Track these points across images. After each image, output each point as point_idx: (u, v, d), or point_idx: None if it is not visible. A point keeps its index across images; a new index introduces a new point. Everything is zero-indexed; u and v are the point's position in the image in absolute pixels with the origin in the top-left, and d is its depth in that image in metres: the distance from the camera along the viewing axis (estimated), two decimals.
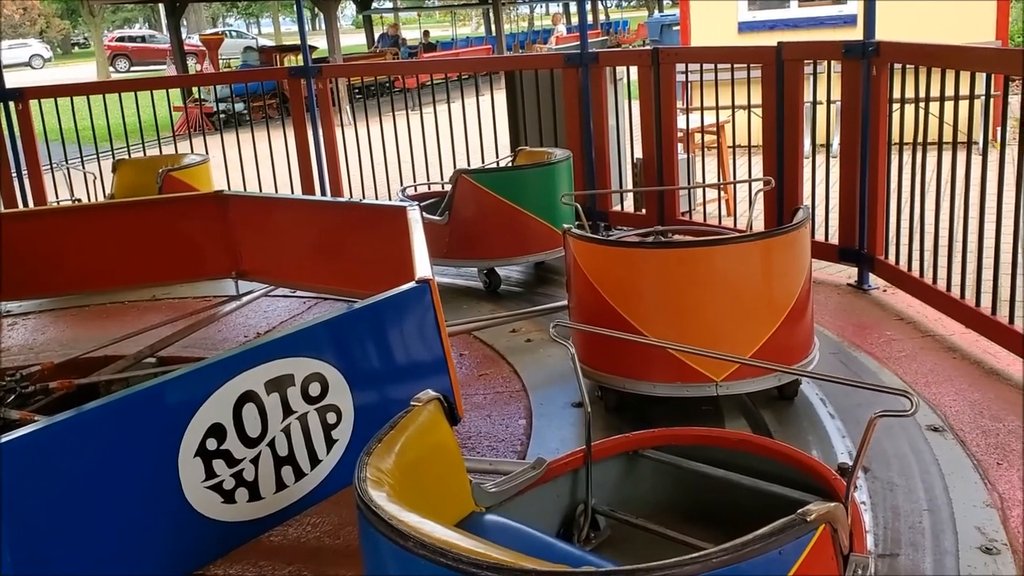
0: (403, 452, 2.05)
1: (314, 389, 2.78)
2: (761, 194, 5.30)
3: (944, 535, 2.74)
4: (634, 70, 6.18)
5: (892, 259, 4.89)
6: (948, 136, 4.48)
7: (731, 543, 1.53)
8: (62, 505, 2.21)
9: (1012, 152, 3.98)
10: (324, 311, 2.97)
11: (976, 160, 4.11)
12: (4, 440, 2.12)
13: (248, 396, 2.59)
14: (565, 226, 3.80)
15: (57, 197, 8.13)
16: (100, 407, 2.31)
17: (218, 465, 2.51)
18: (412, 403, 2.21)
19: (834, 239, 5.29)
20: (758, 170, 5.61)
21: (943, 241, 4.40)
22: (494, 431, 3.78)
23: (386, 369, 3.10)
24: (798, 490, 2.22)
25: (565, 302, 4.13)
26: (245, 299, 5.57)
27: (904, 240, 4.78)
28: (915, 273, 4.65)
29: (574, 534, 2.44)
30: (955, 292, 4.32)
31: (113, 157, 7.66)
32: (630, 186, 6.57)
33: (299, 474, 2.71)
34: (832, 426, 3.47)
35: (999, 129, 4.30)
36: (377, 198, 7.45)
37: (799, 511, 1.62)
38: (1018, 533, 2.74)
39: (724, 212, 6.65)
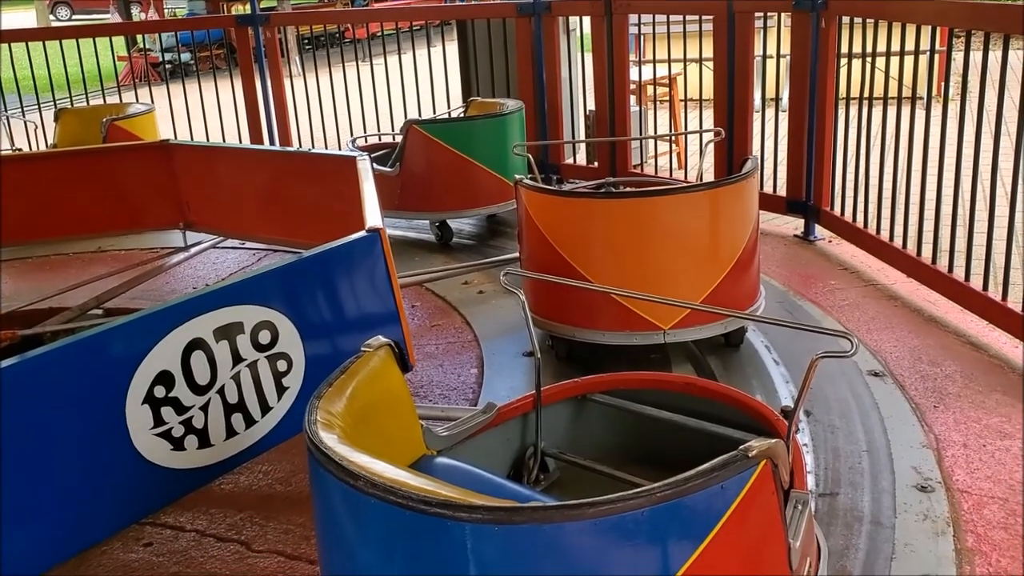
0: (354, 397, 2.06)
1: (264, 337, 2.77)
2: (711, 145, 5.34)
3: (882, 475, 2.83)
4: (587, 22, 6.15)
5: (838, 211, 4.98)
6: (894, 91, 4.55)
7: (674, 478, 1.57)
8: (8, 452, 2.19)
9: (954, 107, 4.05)
10: (274, 263, 2.94)
11: (920, 115, 4.18)
12: None
13: (196, 344, 2.57)
14: (517, 177, 3.80)
15: None
16: (45, 353, 2.28)
17: (167, 412, 2.50)
18: (363, 349, 2.21)
19: (782, 191, 5.37)
20: (709, 123, 5.65)
21: (887, 194, 4.49)
22: (446, 380, 3.80)
23: (337, 318, 3.10)
24: (742, 431, 2.28)
25: (516, 254, 4.14)
26: (193, 250, 5.50)
27: (849, 193, 4.87)
28: (860, 224, 4.75)
29: (524, 476, 2.48)
30: (897, 243, 4.43)
31: (55, 107, 7.45)
32: (582, 138, 6.58)
33: (250, 421, 2.71)
34: (776, 372, 3.55)
35: (943, 84, 4.37)
36: (327, 150, 7.35)
37: (741, 447, 1.66)
38: (952, 472, 2.85)
39: (675, 165, 6.69)
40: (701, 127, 5.83)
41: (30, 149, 7.90)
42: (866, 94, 4.63)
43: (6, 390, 2.19)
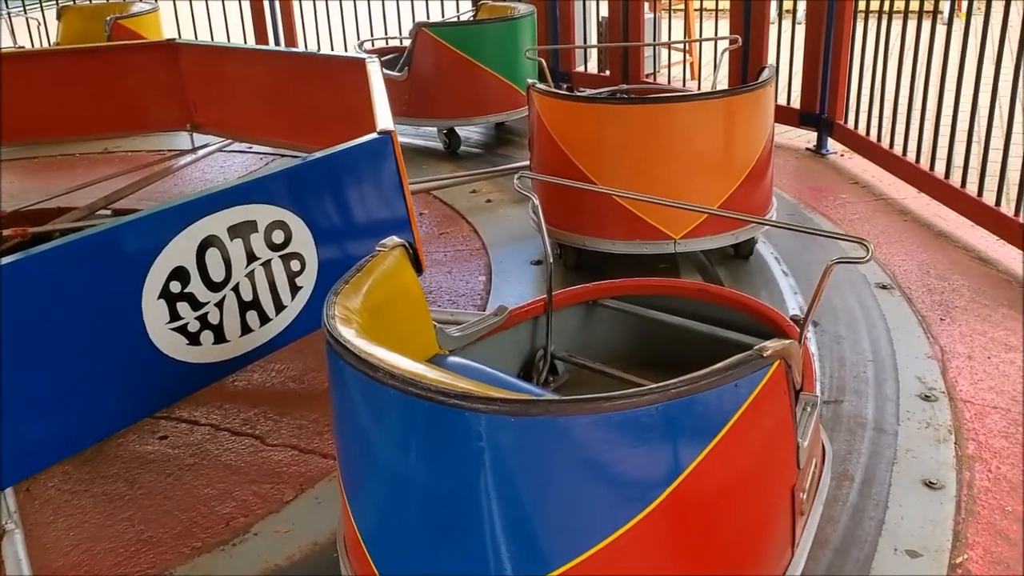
0: (370, 294, 2.08)
1: (277, 237, 2.77)
2: (727, 55, 5.25)
3: (886, 384, 2.87)
4: None
5: (851, 124, 4.92)
6: (915, 6, 4.44)
7: (689, 376, 1.59)
8: (29, 344, 2.21)
9: (977, 23, 3.97)
10: (288, 163, 2.93)
11: (940, 30, 4.10)
12: None
13: (211, 241, 2.57)
14: (529, 81, 3.75)
15: None
16: (64, 245, 2.28)
17: (182, 308, 2.51)
18: (377, 248, 2.22)
19: (795, 104, 5.30)
20: (724, 33, 5.53)
21: (902, 109, 4.42)
22: (454, 286, 3.83)
23: (349, 220, 3.09)
24: (752, 337, 2.30)
25: (526, 163, 4.12)
26: (200, 153, 5.46)
27: (864, 106, 4.81)
28: (873, 138, 4.70)
29: (534, 378, 2.52)
30: (910, 157, 4.39)
31: (58, 5, 7.30)
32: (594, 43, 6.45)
33: (264, 319, 2.73)
34: (785, 283, 3.57)
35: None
36: (336, 52, 7.23)
37: (756, 347, 1.68)
38: (955, 382, 2.88)
39: (688, 75, 6.58)
40: (716, 35, 5.72)
41: (32, 47, 7.78)
42: (886, 8, 4.52)
43: (24, 281, 2.21)
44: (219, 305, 2.61)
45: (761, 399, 1.68)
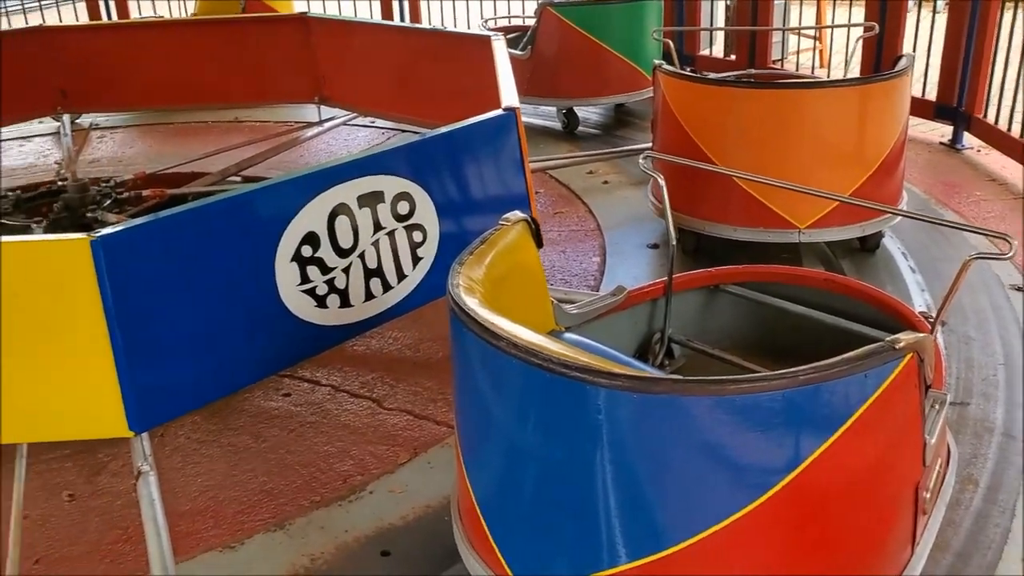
0: (492, 266, 2.11)
1: (402, 208, 2.83)
2: (860, 42, 5.07)
3: (1016, 388, 2.75)
4: None
5: (991, 119, 4.70)
6: None
7: (818, 363, 1.57)
8: (170, 297, 2.33)
9: None
10: (416, 136, 2.99)
11: None
12: (111, 231, 2.22)
13: (341, 209, 2.65)
14: (656, 62, 3.71)
15: (140, 13, 8.14)
16: (206, 206, 2.40)
17: (312, 271, 2.60)
18: (501, 222, 2.25)
19: (931, 96, 5.09)
20: (857, 20, 5.35)
21: None
22: (568, 266, 3.84)
23: (470, 194, 3.13)
24: (880, 330, 2.24)
25: (647, 145, 4.09)
26: (326, 125, 5.60)
27: (1007, 100, 4.58)
28: (1015, 134, 4.48)
29: (648, 360, 2.51)
30: None
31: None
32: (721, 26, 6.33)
33: (386, 287, 2.80)
34: (912, 280, 3.45)
35: None
36: (462, 29, 7.30)
37: (889, 338, 1.64)
38: None
39: (817, 63, 6.38)
40: (850, 21, 5.53)
41: (171, 17, 8.12)
42: None
43: (169, 238, 2.32)
44: (346, 271, 2.69)
45: (891, 392, 1.64)
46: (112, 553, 2.32)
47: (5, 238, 2.18)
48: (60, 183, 4.40)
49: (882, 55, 5.08)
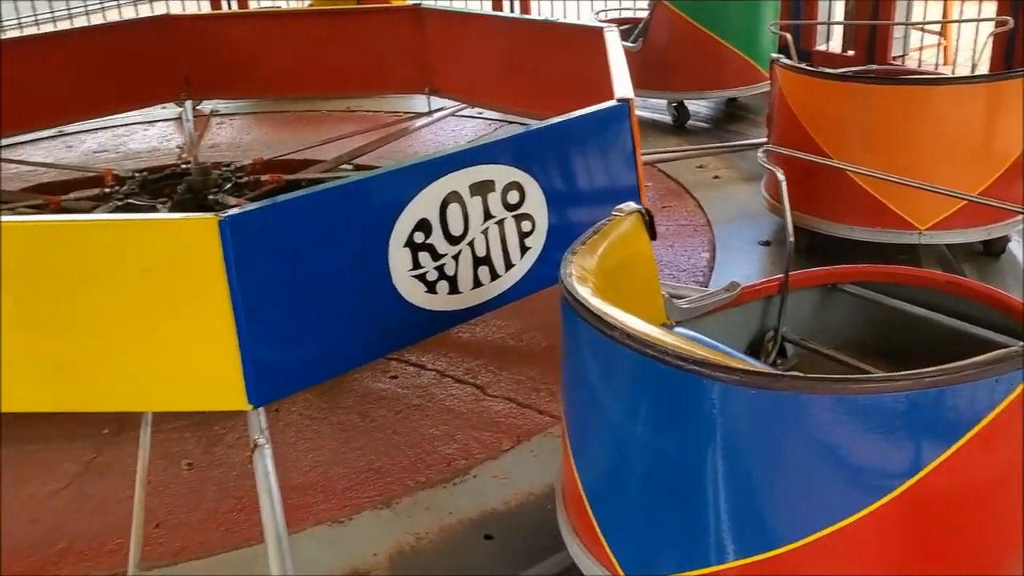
0: (605, 256, 2.11)
1: (512, 197, 2.85)
2: (991, 38, 4.85)
3: None
4: None
5: None
6: None
7: (945, 366, 1.51)
8: (288, 277, 2.41)
9: None
10: (528, 127, 3.01)
11: None
12: (238, 212, 2.30)
13: (453, 197, 2.69)
14: (773, 56, 3.63)
15: (259, 3, 8.40)
16: (327, 190, 2.46)
17: (423, 257, 2.64)
18: (614, 212, 2.25)
19: None
20: (987, 15, 5.12)
21: None
22: (676, 260, 3.80)
23: (581, 185, 3.13)
24: (1006, 336, 2.15)
25: (761, 140, 4.01)
26: (435, 116, 5.68)
27: None
28: None
29: (760, 358, 2.47)
30: None
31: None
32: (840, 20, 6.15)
33: (494, 275, 2.83)
34: None
35: None
36: (573, 21, 7.29)
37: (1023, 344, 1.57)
38: None
39: (941, 60, 6.14)
40: (979, 16, 5.30)
41: (287, 6, 8.35)
42: None
43: (290, 219, 2.40)
44: (456, 258, 2.73)
45: (1022, 400, 1.57)
46: (227, 521, 2.42)
47: (137, 215, 2.30)
48: (184, 166, 4.60)
49: (1014, 51, 4.85)
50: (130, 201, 4.20)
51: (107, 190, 4.36)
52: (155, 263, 2.25)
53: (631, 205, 2.28)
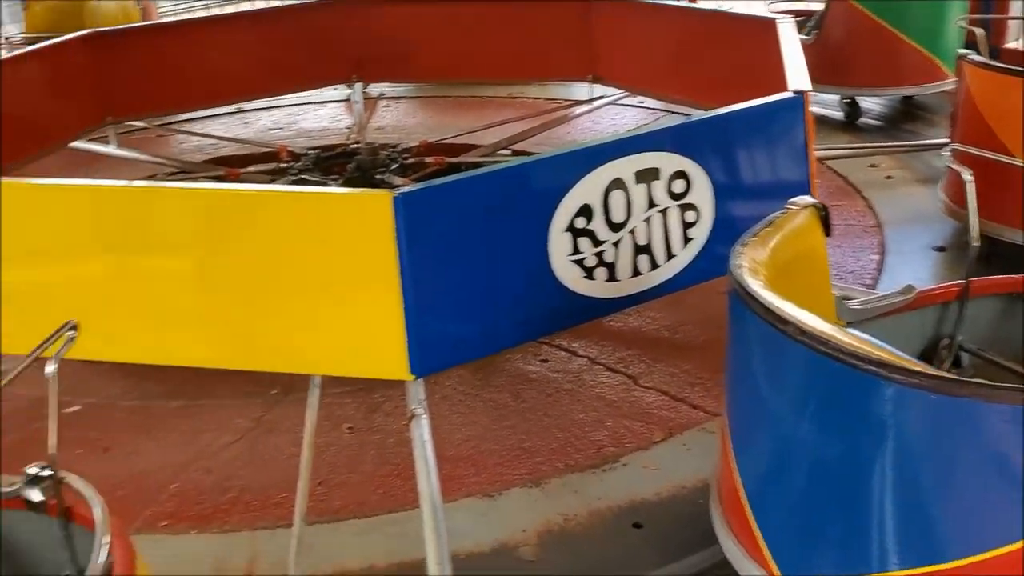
0: (776, 250, 2.05)
1: (678, 186, 2.82)
2: None
3: None
4: None
5: None
6: None
7: None
8: (452, 254, 2.47)
9: None
10: (698, 115, 2.96)
11: None
12: (410, 189, 2.37)
13: (617, 183, 2.68)
14: (962, 52, 3.44)
15: None
16: (494, 172, 2.51)
17: (583, 243, 2.65)
18: (788, 205, 2.19)
19: None
20: None
21: None
22: (843, 261, 3.66)
23: (750, 179, 3.06)
24: None
25: (943, 141, 3.80)
26: (596, 104, 5.66)
27: None
28: None
29: (934, 366, 2.35)
30: None
31: None
32: None
33: (654, 264, 2.80)
34: None
35: None
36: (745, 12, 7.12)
37: None
38: None
39: None
40: None
41: None
42: None
43: (458, 198, 2.46)
44: (616, 245, 2.72)
45: None
46: (384, 485, 2.51)
47: (317, 188, 2.40)
48: (354, 146, 4.78)
49: None
50: (303, 176, 4.40)
51: (282, 165, 4.58)
52: (331, 234, 2.35)
53: (806, 199, 2.21)
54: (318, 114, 6.47)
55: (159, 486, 2.54)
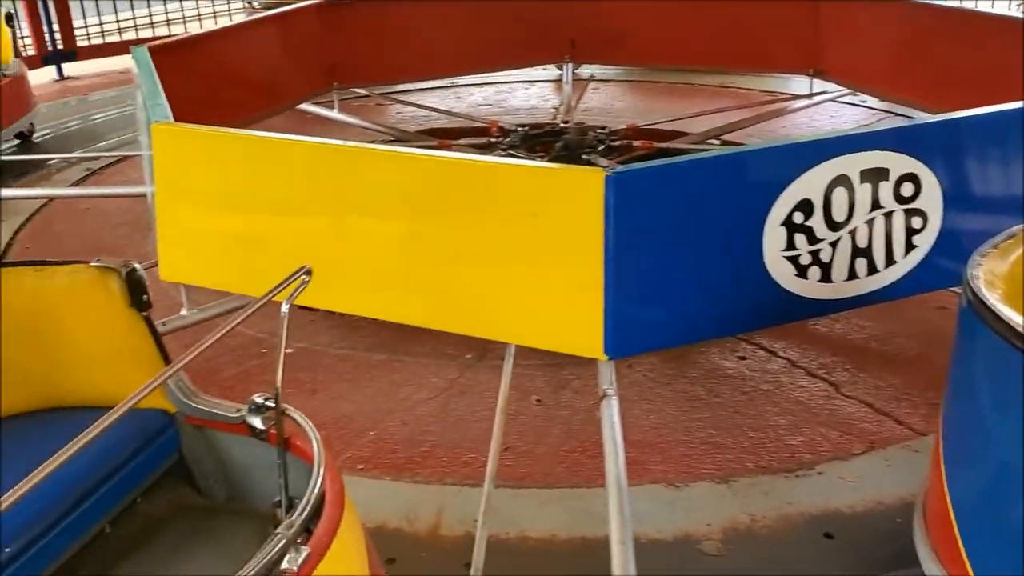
0: (1018, 265, 1.90)
1: (906, 189, 2.66)
2: None
3: None
4: None
5: None
6: None
7: None
8: (660, 238, 2.44)
9: None
10: (937, 117, 2.78)
11: None
12: (623, 170, 2.36)
13: (841, 180, 2.56)
14: None
15: None
16: (709, 159, 2.47)
17: (799, 239, 2.55)
18: None
19: None
20: None
21: None
22: None
23: (982, 190, 2.84)
24: None
25: None
26: (815, 99, 5.43)
27: None
28: None
29: None
30: None
31: None
32: None
33: (872, 269, 2.66)
34: None
35: None
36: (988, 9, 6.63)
37: None
38: None
39: None
40: None
41: None
42: None
43: (671, 183, 2.42)
44: (833, 244, 2.60)
45: None
46: (568, 460, 2.53)
47: (532, 162, 2.43)
48: (563, 125, 4.81)
49: None
50: (511, 152, 4.48)
51: (492, 140, 4.68)
52: (541, 208, 2.38)
53: None
54: (527, 92, 6.57)
55: (359, 431, 2.67)
